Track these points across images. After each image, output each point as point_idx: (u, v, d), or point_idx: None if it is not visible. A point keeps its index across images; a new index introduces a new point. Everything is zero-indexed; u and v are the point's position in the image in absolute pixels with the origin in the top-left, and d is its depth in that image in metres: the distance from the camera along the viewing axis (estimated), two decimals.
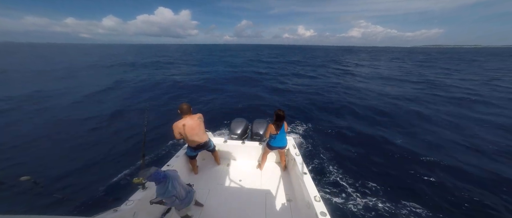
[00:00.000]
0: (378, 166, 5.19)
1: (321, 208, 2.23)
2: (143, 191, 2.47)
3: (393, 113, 9.19)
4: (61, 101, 10.50)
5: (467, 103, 10.65)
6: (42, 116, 8.59)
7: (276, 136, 3.22)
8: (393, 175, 4.85)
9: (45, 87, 13.50)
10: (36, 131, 7.12)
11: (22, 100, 10.47)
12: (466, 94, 12.27)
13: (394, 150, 5.97)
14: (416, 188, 4.44)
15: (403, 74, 21.16)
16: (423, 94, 12.59)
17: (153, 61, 33.96)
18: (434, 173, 4.92)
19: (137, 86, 14.65)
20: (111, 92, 12.80)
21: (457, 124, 7.91)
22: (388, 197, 4.15)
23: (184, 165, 3.49)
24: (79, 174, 4.86)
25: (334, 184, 4.50)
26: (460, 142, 6.45)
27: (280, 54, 59.75)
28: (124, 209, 2.18)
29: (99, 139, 6.57)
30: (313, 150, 5.94)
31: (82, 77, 17.97)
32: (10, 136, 6.69)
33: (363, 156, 5.69)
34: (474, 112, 9.34)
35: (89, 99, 11.13)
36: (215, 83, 15.91)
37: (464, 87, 14.49)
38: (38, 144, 6.24)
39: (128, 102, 10.75)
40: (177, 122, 2.95)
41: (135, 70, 23.24)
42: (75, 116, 8.51)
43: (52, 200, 3.87)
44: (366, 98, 11.75)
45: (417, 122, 8.14)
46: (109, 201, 3.85)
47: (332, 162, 5.31)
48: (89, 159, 5.45)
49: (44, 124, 7.76)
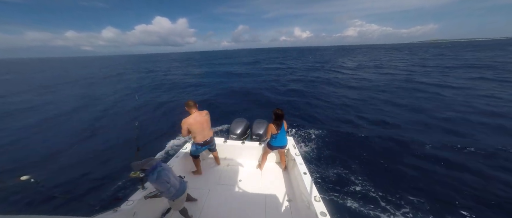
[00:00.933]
0: (378, 166, 5.20)
1: (321, 208, 2.23)
2: (143, 191, 2.47)
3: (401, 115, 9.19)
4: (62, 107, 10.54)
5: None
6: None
7: (276, 135, 3.22)
8: (393, 176, 4.86)
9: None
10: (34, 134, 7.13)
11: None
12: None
13: (398, 149, 5.98)
14: (420, 188, 4.45)
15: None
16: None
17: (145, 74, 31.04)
18: (435, 174, 4.93)
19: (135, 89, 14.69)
20: (110, 96, 12.83)
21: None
22: (388, 197, 4.15)
23: (184, 165, 3.49)
24: (79, 174, 4.86)
25: (335, 184, 4.50)
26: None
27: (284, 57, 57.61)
28: (124, 209, 2.18)
29: (99, 139, 6.57)
30: (313, 149, 5.94)
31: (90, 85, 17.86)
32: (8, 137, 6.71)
33: (364, 156, 5.69)
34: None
35: (90, 102, 11.16)
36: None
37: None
38: (38, 144, 6.25)
39: (128, 103, 10.77)
40: (186, 118, 2.99)
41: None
42: (74, 118, 8.53)
43: (53, 200, 3.87)
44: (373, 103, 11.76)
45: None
46: (109, 201, 3.87)
47: (332, 162, 5.31)
48: (89, 158, 5.46)
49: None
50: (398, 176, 4.85)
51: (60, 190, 4.34)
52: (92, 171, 5.00)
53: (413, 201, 4.10)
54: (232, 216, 2.77)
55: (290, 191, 3.23)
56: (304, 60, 41.73)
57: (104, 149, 5.97)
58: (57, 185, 4.49)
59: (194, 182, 3.41)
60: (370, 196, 4.19)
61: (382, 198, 4.14)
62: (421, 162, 5.41)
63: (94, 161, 5.38)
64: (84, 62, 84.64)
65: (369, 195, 4.20)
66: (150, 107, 10.38)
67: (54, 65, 65.43)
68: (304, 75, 21.04)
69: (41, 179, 4.34)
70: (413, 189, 4.40)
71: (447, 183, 4.56)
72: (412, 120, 8.04)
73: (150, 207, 2.57)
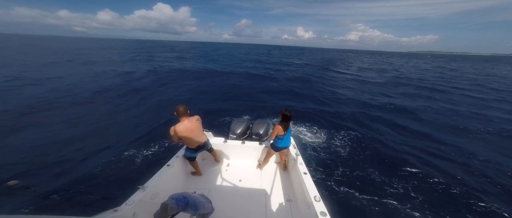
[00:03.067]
0: (378, 166, 5.20)
1: (321, 208, 2.23)
2: (143, 191, 2.47)
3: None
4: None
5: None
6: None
7: (283, 136, 3.16)
8: (394, 176, 4.86)
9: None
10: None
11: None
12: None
13: (403, 150, 5.98)
14: (421, 188, 4.45)
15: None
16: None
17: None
18: (435, 175, 4.93)
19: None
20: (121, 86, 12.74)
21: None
22: (388, 197, 4.15)
23: (184, 165, 3.48)
24: (79, 174, 4.85)
25: (335, 184, 4.50)
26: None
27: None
28: (124, 209, 2.18)
29: (99, 138, 6.56)
30: (313, 150, 5.94)
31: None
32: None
33: (365, 156, 5.69)
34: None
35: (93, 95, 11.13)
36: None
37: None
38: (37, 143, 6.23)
39: (132, 100, 10.74)
40: (174, 126, 2.86)
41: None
42: (72, 112, 8.51)
43: (51, 200, 3.85)
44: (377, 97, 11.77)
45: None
46: (109, 201, 3.85)
47: (333, 162, 5.31)
48: (89, 159, 5.44)
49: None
50: (398, 176, 4.85)
51: (60, 190, 4.33)
52: (92, 171, 4.98)
53: (413, 201, 4.10)
54: (232, 216, 2.76)
55: (290, 191, 3.22)
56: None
57: (105, 149, 5.95)
58: (56, 185, 4.47)
59: (194, 182, 3.41)
60: (371, 196, 4.19)
61: (383, 198, 4.14)
62: (419, 160, 5.41)
63: (95, 160, 5.37)
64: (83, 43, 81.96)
65: (370, 195, 4.20)
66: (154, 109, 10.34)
67: (57, 45, 64.03)
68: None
69: (31, 183, 4.26)
70: (414, 190, 4.41)
71: (445, 183, 4.57)
72: (414, 121, 8.04)
73: (150, 207, 2.57)
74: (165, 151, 5.81)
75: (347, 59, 39.05)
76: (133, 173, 4.84)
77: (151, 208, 2.59)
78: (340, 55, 52.18)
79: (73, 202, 3.83)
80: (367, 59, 46.65)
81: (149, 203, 2.47)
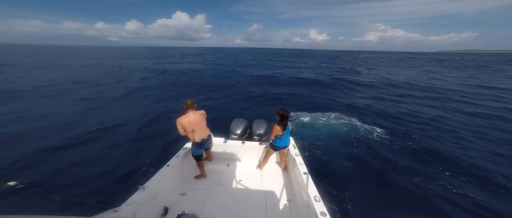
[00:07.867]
0: (378, 166, 5.20)
1: (321, 208, 2.23)
2: (143, 191, 2.47)
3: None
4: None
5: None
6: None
7: (282, 136, 3.22)
8: (395, 178, 4.86)
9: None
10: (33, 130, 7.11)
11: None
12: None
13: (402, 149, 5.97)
14: (421, 192, 4.44)
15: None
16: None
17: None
18: (437, 177, 4.92)
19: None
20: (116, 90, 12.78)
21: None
22: (388, 197, 4.15)
23: (184, 165, 3.48)
24: (79, 174, 4.84)
25: (335, 184, 4.49)
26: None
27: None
28: (124, 209, 2.18)
29: (99, 139, 6.56)
30: (313, 150, 5.94)
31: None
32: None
33: (365, 156, 5.69)
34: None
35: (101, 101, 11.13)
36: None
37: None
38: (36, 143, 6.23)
39: (134, 103, 10.75)
40: (180, 117, 3.00)
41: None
42: (77, 115, 8.51)
43: (51, 201, 3.84)
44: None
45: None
46: (109, 201, 3.84)
47: (333, 162, 5.31)
48: (89, 158, 5.44)
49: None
50: (399, 176, 4.85)
51: (60, 190, 4.32)
52: (92, 171, 4.98)
53: (414, 201, 4.10)
54: (232, 216, 2.76)
55: (290, 191, 3.22)
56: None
57: (105, 148, 5.95)
58: (56, 185, 4.47)
59: (194, 182, 3.41)
60: (371, 196, 4.19)
61: (383, 197, 4.14)
62: (420, 162, 5.41)
63: (95, 160, 5.37)
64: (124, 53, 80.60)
65: (370, 195, 4.20)
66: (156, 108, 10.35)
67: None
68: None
69: (30, 182, 4.24)
70: (415, 191, 4.41)
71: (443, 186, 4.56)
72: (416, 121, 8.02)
73: (150, 208, 2.57)
74: (165, 151, 5.81)
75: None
76: (133, 173, 4.84)
77: (151, 209, 2.59)
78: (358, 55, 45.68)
79: (73, 202, 3.84)
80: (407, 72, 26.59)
81: (149, 203, 2.47)
